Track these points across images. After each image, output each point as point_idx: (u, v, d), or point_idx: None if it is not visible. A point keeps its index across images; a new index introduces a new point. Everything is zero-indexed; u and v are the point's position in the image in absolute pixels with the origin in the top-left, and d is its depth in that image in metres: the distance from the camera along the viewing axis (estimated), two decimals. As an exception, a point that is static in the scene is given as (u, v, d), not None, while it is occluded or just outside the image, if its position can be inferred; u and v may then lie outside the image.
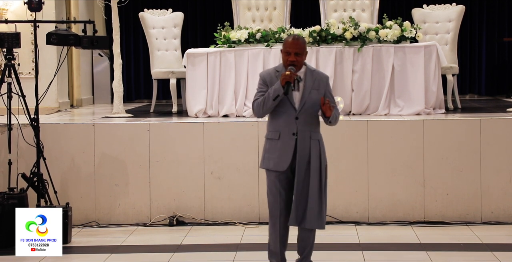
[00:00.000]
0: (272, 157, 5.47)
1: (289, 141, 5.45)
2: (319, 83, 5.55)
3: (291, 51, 5.46)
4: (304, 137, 5.47)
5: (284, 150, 5.45)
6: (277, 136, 5.46)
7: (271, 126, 5.52)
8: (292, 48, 5.46)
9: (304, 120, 5.47)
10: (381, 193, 7.84)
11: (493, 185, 7.77)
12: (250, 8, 10.19)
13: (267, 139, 5.55)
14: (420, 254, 6.61)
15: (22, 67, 9.73)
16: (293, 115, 5.46)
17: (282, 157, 5.45)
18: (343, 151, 7.86)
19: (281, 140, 5.45)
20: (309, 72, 5.56)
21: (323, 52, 8.84)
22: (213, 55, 8.92)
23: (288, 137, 5.45)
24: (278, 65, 5.62)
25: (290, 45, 5.48)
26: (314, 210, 5.51)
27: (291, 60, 5.45)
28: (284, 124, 5.45)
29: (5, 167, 7.62)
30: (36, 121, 7.49)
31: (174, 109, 9.76)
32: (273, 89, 5.39)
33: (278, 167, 5.46)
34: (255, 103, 5.47)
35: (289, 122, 5.45)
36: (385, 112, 8.72)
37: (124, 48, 11.77)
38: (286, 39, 5.56)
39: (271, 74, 5.54)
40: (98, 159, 7.96)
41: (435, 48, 8.78)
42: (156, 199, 7.96)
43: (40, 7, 7.60)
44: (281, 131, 5.46)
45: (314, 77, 5.55)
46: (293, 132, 5.45)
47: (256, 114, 5.51)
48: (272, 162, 5.48)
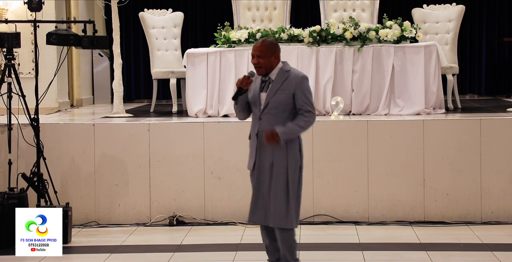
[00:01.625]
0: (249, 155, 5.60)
1: (254, 141, 5.53)
2: (288, 84, 5.48)
3: (254, 54, 5.50)
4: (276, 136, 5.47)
5: (251, 150, 5.56)
6: (249, 136, 5.58)
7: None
8: (254, 51, 5.50)
9: (267, 121, 5.46)
10: (381, 193, 7.84)
11: (493, 185, 7.77)
12: (250, 8, 10.20)
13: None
14: (420, 254, 6.61)
15: (22, 67, 9.74)
16: (257, 116, 5.52)
17: (250, 157, 5.57)
18: (343, 151, 7.86)
19: (251, 140, 5.57)
20: (281, 73, 5.51)
21: (323, 52, 8.85)
22: (213, 55, 8.92)
23: (253, 137, 5.54)
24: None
25: (253, 48, 5.52)
26: (279, 209, 5.47)
27: (253, 63, 5.50)
28: (252, 125, 5.56)
29: (5, 167, 7.63)
30: (36, 121, 7.49)
31: (174, 109, 9.76)
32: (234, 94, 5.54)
33: (248, 165, 5.58)
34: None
35: (255, 123, 5.54)
36: (385, 112, 8.72)
37: (124, 48, 11.77)
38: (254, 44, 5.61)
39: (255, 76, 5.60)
40: (98, 159, 7.97)
41: (435, 48, 8.79)
42: (156, 199, 7.96)
43: (40, 7, 7.60)
44: (251, 131, 5.57)
45: (284, 78, 5.49)
46: (256, 132, 5.51)
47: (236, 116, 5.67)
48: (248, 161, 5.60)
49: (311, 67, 8.81)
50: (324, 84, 8.80)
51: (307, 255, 6.62)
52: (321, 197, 7.88)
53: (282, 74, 5.50)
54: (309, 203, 7.86)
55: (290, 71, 5.54)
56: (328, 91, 8.77)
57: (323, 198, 7.87)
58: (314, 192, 7.86)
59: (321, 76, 8.82)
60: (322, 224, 7.82)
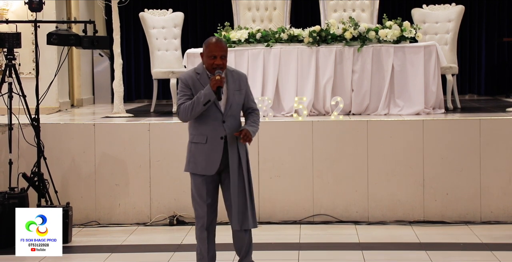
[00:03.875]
0: (198, 160, 5.39)
1: (217, 145, 5.34)
2: (240, 83, 5.43)
3: (217, 54, 5.27)
4: (233, 140, 5.37)
5: (213, 154, 5.35)
6: (204, 139, 5.36)
7: (196, 130, 5.39)
8: (218, 52, 5.26)
9: (231, 123, 5.37)
10: (381, 192, 7.85)
11: (493, 184, 7.78)
12: (250, 8, 10.21)
13: (192, 142, 5.43)
14: (419, 253, 6.62)
15: (22, 67, 9.75)
16: (219, 119, 5.34)
17: (210, 161, 5.36)
18: (343, 150, 7.87)
19: (208, 144, 5.35)
20: (229, 73, 5.41)
21: (323, 52, 8.86)
22: (213, 55, 8.91)
23: (215, 141, 5.34)
24: (197, 67, 5.42)
25: (215, 48, 5.27)
26: (249, 211, 5.46)
27: (217, 64, 5.27)
28: (211, 128, 5.34)
29: (5, 167, 7.64)
30: (36, 121, 7.50)
31: (174, 109, 9.76)
32: (203, 94, 5.23)
33: (207, 171, 5.38)
34: (181, 107, 5.29)
35: (216, 126, 5.34)
36: (384, 112, 8.73)
37: (124, 48, 11.78)
38: (209, 42, 5.33)
39: (192, 77, 5.36)
40: (98, 159, 7.98)
41: (434, 48, 8.80)
42: (156, 199, 7.97)
43: (41, 7, 7.61)
44: (208, 135, 5.35)
45: (234, 78, 5.41)
46: (221, 136, 5.35)
47: (183, 118, 5.34)
48: (199, 166, 5.40)
49: (311, 67, 8.82)
50: (324, 84, 8.81)
51: (307, 255, 6.64)
52: (321, 197, 7.89)
53: (231, 74, 5.41)
54: (309, 203, 7.87)
55: (234, 70, 5.49)
56: (328, 91, 8.79)
57: (323, 197, 7.88)
58: (314, 192, 7.87)
59: (321, 76, 8.83)
60: (322, 223, 7.82)
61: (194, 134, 5.41)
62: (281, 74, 8.88)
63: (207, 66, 5.32)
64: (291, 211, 7.86)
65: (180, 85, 5.39)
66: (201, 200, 5.45)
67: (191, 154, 5.45)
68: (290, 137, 7.93)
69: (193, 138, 5.42)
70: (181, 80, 5.41)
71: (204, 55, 5.35)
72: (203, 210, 5.46)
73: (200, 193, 5.44)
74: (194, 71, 5.40)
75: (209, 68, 5.31)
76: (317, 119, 8.22)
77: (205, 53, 5.33)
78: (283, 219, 7.88)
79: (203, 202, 5.44)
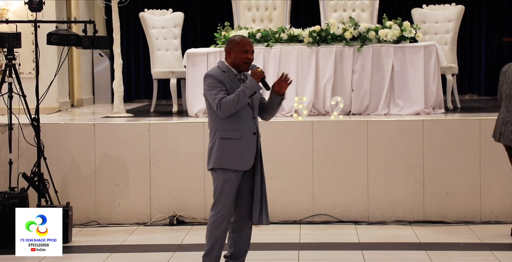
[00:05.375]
0: (234, 156, 5.44)
1: (251, 140, 5.46)
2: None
3: (249, 49, 5.46)
4: (259, 136, 5.55)
5: (248, 149, 5.45)
6: (239, 135, 5.44)
7: (229, 125, 5.44)
8: (249, 47, 5.47)
9: (257, 120, 5.55)
10: (381, 192, 7.85)
11: (493, 184, 7.79)
12: (250, 8, 10.21)
13: (224, 138, 5.46)
14: (419, 253, 6.62)
15: (22, 67, 9.74)
16: (251, 114, 5.48)
17: (246, 157, 5.45)
18: (343, 150, 7.88)
19: (244, 139, 5.44)
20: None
21: (323, 52, 8.86)
22: (213, 55, 8.93)
23: (249, 136, 5.45)
24: (219, 65, 5.53)
25: (248, 44, 5.47)
26: (266, 207, 5.57)
27: (249, 58, 5.45)
28: (245, 124, 5.44)
29: (5, 167, 7.64)
30: (36, 121, 7.51)
31: (174, 109, 9.77)
32: (248, 87, 5.35)
33: (243, 166, 5.45)
34: (223, 101, 5.35)
35: (249, 122, 5.46)
36: (384, 112, 8.73)
37: (124, 48, 11.78)
38: (238, 39, 5.49)
39: (221, 74, 5.46)
40: (98, 159, 7.98)
41: (434, 48, 8.80)
42: (156, 199, 7.97)
43: (41, 7, 7.61)
44: (243, 130, 5.44)
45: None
46: (254, 131, 5.48)
47: (226, 112, 5.39)
48: (235, 161, 5.44)
49: (311, 67, 8.82)
50: (324, 84, 8.81)
51: (307, 254, 6.64)
52: (321, 197, 7.89)
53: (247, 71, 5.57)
54: (309, 203, 7.87)
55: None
56: (328, 91, 8.79)
57: (323, 197, 7.88)
58: (314, 191, 7.88)
59: (321, 76, 8.83)
60: (322, 223, 7.82)
61: (226, 129, 5.46)
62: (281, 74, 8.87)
63: (239, 61, 5.45)
64: (291, 211, 7.86)
65: (211, 81, 5.44)
66: (232, 196, 5.48)
67: (223, 150, 5.47)
68: (290, 137, 7.93)
69: (225, 134, 5.47)
70: (212, 76, 5.45)
71: (233, 51, 5.47)
72: (231, 205, 5.50)
73: (231, 188, 5.47)
74: (219, 69, 5.49)
75: (241, 63, 5.45)
76: (317, 119, 8.22)
77: (235, 49, 5.46)
78: (283, 219, 7.88)
79: (233, 197, 5.48)
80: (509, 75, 6.88)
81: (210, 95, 5.43)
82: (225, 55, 5.54)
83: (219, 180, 5.48)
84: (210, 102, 5.45)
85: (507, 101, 6.87)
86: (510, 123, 6.80)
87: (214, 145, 5.50)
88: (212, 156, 5.50)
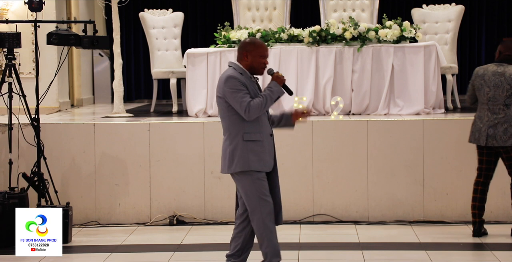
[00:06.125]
0: (257, 158, 5.47)
1: (270, 141, 5.55)
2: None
3: (267, 54, 5.54)
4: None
5: (269, 151, 5.53)
6: (261, 137, 5.48)
7: (252, 128, 5.45)
8: (267, 52, 5.55)
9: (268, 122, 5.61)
10: (381, 192, 7.85)
11: (493, 184, 7.76)
12: (250, 8, 10.21)
13: (247, 141, 5.45)
14: (419, 253, 6.62)
15: (22, 67, 9.74)
16: (267, 117, 5.56)
17: (268, 158, 5.52)
18: (343, 150, 7.88)
19: (265, 141, 5.50)
20: None
21: (323, 52, 8.86)
22: (213, 55, 8.93)
23: (268, 138, 5.53)
24: (235, 67, 5.51)
25: (266, 49, 5.53)
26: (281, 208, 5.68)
27: (266, 63, 5.53)
28: (264, 126, 5.50)
29: (5, 167, 7.64)
30: (36, 121, 7.51)
31: (174, 109, 9.77)
32: (274, 91, 5.46)
33: (266, 167, 5.54)
34: (251, 104, 5.37)
35: (267, 124, 5.54)
36: (384, 112, 8.73)
37: (124, 48, 11.78)
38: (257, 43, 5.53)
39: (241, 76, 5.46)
40: (98, 159, 7.98)
41: (434, 48, 8.80)
42: (156, 199, 7.97)
43: (41, 7, 7.61)
44: (264, 132, 5.49)
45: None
46: (270, 133, 5.56)
47: (254, 115, 5.40)
48: (262, 163, 5.49)
49: (311, 67, 8.82)
50: (324, 84, 8.81)
51: (307, 254, 6.64)
52: (321, 197, 7.89)
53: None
54: (309, 203, 7.87)
55: None
56: (328, 91, 8.79)
57: (322, 197, 7.89)
58: (314, 191, 7.88)
59: (321, 76, 8.83)
60: (321, 223, 7.82)
61: (250, 132, 5.46)
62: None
63: (256, 65, 5.50)
64: (291, 211, 7.86)
65: (235, 83, 5.41)
66: (268, 195, 5.52)
67: (249, 152, 5.47)
68: (290, 136, 7.92)
69: (250, 136, 5.46)
70: (236, 79, 5.43)
71: (251, 55, 5.49)
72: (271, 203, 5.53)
73: (264, 188, 5.51)
74: (237, 72, 5.48)
75: (258, 67, 5.51)
76: (317, 119, 8.22)
77: (253, 53, 5.49)
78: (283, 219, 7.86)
79: (269, 196, 5.52)
80: (489, 78, 6.93)
81: (235, 98, 5.39)
82: (240, 57, 5.53)
83: (249, 181, 5.49)
84: (235, 104, 5.40)
85: (490, 104, 6.93)
86: (500, 124, 6.87)
87: (237, 147, 5.46)
88: (237, 159, 5.47)
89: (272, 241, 5.60)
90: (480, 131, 6.96)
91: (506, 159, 7.01)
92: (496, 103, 6.91)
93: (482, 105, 7.00)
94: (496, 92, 6.90)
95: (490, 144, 6.91)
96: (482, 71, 7.02)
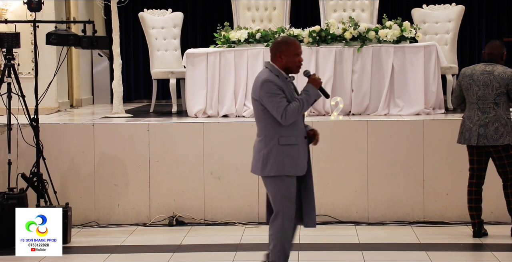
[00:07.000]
0: (293, 163, 5.38)
1: (305, 145, 5.45)
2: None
3: (301, 52, 5.45)
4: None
5: (304, 154, 5.43)
6: (297, 141, 5.40)
7: (288, 131, 5.37)
8: (300, 49, 5.45)
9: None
10: (381, 193, 7.84)
11: (493, 185, 7.75)
12: (250, 8, 10.20)
13: (284, 145, 5.36)
14: (419, 254, 6.61)
15: (21, 67, 9.73)
16: (302, 119, 5.47)
17: (303, 162, 5.42)
18: (343, 151, 7.87)
19: (300, 145, 5.41)
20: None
21: (322, 52, 8.85)
22: (213, 55, 8.92)
23: (303, 141, 5.43)
24: (271, 69, 5.41)
25: (299, 47, 5.44)
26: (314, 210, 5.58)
27: (301, 61, 5.44)
28: (300, 128, 5.42)
29: (4, 167, 7.63)
30: (35, 121, 7.50)
31: (173, 110, 9.76)
32: (311, 95, 5.38)
33: (301, 171, 5.43)
34: (288, 108, 5.29)
35: (302, 127, 5.45)
36: (384, 112, 8.72)
37: (123, 48, 11.76)
38: (290, 42, 5.44)
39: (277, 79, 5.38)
40: (97, 159, 7.97)
41: (434, 48, 8.79)
42: (155, 199, 7.96)
43: (40, 7, 7.60)
44: (299, 135, 5.41)
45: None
46: (305, 136, 5.45)
47: (290, 120, 5.32)
48: (295, 168, 5.39)
49: (311, 67, 8.80)
50: (324, 84, 8.75)
51: (307, 255, 6.63)
52: (321, 197, 7.85)
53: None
54: (309, 203, 7.85)
55: None
56: (328, 91, 8.76)
57: (322, 198, 7.86)
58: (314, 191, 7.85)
59: (321, 76, 8.78)
60: (321, 224, 7.79)
61: (286, 135, 5.38)
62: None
63: (291, 65, 5.41)
64: (291, 211, 7.84)
65: (272, 87, 5.33)
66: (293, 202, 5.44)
67: (284, 156, 5.37)
68: (290, 137, 7.91)
69: (286, 140, 5.38)
70: (272, 82, 5.34)
71: (284, 55, 5.40)
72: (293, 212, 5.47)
73: (292, 195, 5.42)
74: (273, 74, 5.40)
75: (293, 66, 5.43)
76: (317, 119, 8.21)
77: (287, 53, 5.40)
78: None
79: (294, 203, 5.45)
80: (477, 77, 6.93)
81: (272, 103, 5.31)
82: (273, 57, 5.43)
83: (279, 186, 5.39)
84: (271, 109, 5.32)
85: (479, 104, 6.93)
86: (490, 123, 6.88)
87: (272, 151, 5.37)
88: (272, 162, 5.37)
89: (284, 248, 5.51)
90: (471, 130, 6.95)
91: (497, 158, 7.00)
92: (485, 102, 6.91)
93: (471, 105, 6.99)
94: (485, 91, 6.90)
95: (481, 143, 6.90)
96: (470, 71, 7.02)
